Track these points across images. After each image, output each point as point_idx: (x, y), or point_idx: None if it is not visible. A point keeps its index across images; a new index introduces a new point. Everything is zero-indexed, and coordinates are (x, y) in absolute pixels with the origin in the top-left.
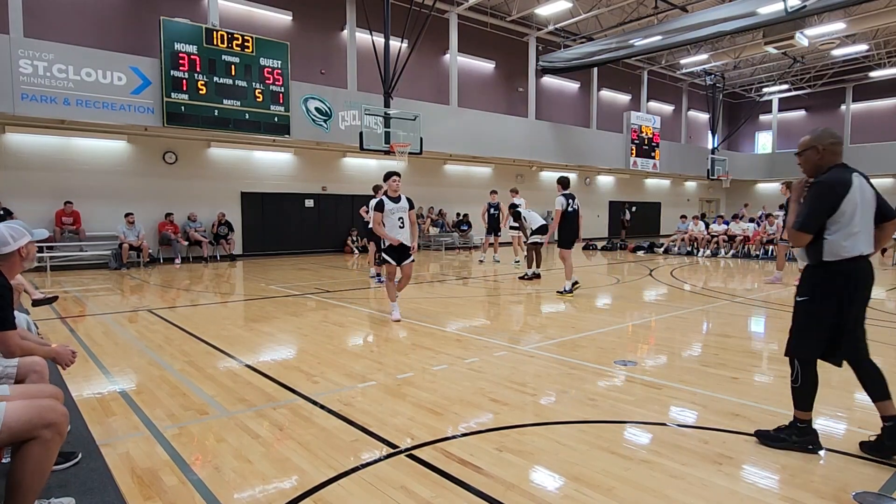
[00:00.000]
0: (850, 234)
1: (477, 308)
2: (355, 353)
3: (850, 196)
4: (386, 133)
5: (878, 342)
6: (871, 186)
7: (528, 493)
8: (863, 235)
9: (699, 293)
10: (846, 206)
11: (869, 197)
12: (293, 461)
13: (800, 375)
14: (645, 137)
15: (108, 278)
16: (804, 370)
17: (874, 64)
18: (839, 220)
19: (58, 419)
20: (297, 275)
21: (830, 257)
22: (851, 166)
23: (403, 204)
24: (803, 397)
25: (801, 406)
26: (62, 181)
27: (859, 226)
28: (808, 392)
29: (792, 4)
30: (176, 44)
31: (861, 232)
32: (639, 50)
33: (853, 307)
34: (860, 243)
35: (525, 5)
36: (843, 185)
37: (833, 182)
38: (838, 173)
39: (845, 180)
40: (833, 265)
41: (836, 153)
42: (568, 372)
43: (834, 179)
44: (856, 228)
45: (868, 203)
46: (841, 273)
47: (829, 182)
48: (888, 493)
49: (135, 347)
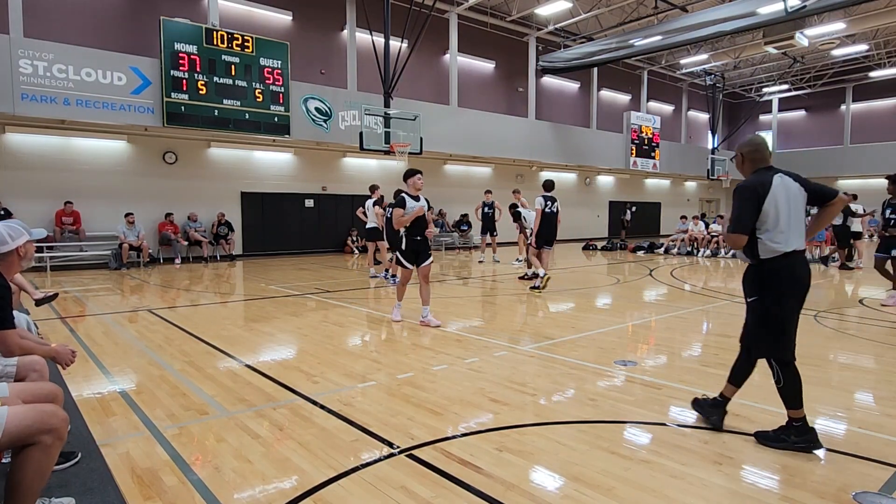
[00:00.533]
0: (779, 232)
1: (477, 308)
2: (355, 353)
3: (771, 196)
4: (386, 133)
5: (879, 342)
6: (798, 179)
7: (528, 493)
8: (793, 231)
9: (699, 293)
10: (769, 206)
11: (795, 192)
12: (293, 461)
13: (781, 376)
14: (645, 137)
15: (108, 278)
16: (784, 370)
17: (874, 64)
18: (766, 219)
19: (58, 424)
20: (297, 275)
21: (766, 255)
22: (777, 167)
23: (423, 203)
24: (790, 396)
25: (791, 405)
26: (62, 181)
27: (787, 222)
28: (793, 390)
29: (792, 4)
30: (176, 44)
31: (790, 228)
32: (639, 50)
33: (791, 300)
34: (791, 239)
35: (525, 5)
36: (763, 186)
37: (752, 185)
38: (758, 176)
39: (764, 182)
40: (770, 262)
41: (755, 159)
42: (568, 372)
43: (753, 182)
44: (783, 225)
45: (795, 198)
46: (778, 268)
47: (748, 185)
48: (888, 493)
49: (135, 347)
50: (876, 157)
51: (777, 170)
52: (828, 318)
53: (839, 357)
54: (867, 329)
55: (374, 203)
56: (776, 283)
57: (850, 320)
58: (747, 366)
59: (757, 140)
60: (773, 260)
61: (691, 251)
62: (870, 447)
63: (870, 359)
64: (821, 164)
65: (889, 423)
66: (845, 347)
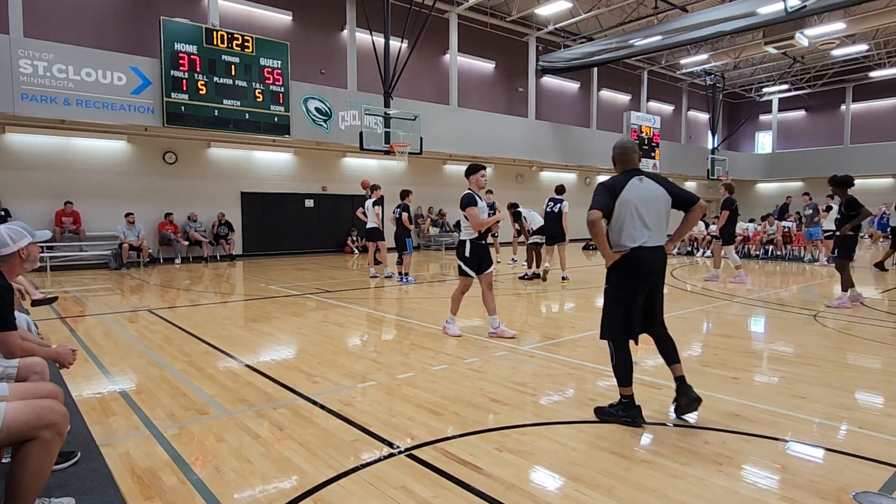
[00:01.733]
0: (625, 227)
1: (477, 308)
2: (355, 353)
3: (623, 196)
4: (386, 133)
5: (879, 342)
6: (663, 184)
7: (528, 493)
8: (641, 228)
9: (699, 293)
10: (619, 204)
11: (654, 195)
12: (293, 461)
13: (615, 355)
14: (645, 137)
15: (108, 278)
16: (617, 349)
17: (874, 64)
18: (616, 216)
19: (58, 420)
20: (297, 275)
21: (617, 249)
22: (643, 171)
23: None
24: (621, 374)
25: (621, 382)
26: (62, 181)
27: (636, 220)
28: (623, 369)
29: (792, 4)
30: (176, 44)
31: (640, 225)
32: (639, 50)
33: (640, 290)
34: (636, 234)
35: (525, 5)
36: (617, 186)
37: (609, 183)
38: (618, 177)
39: (620, 182)
40: (623, 256)
41: (623, 161)
42: (568, 372)
43: (612, 181)
44: (630, 222)
45: (653, 200)
46: (625, 260)
47: (605, 183)
48: (888, 493)
49: (135, 347)
50: (876, 157)
51: (641, 173)
52: (828, 318)
53: (839, 357)
54: (867, 329)
55: (374, 203)
56: (620, 273)
57: (851, 320)
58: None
59: (625, 144)
60: (624, 254)
61: (691, 251)
62: (870, 447)
63: (870, 359)
64: (821, 164)
65: (889, 423)
66: (845, 347)
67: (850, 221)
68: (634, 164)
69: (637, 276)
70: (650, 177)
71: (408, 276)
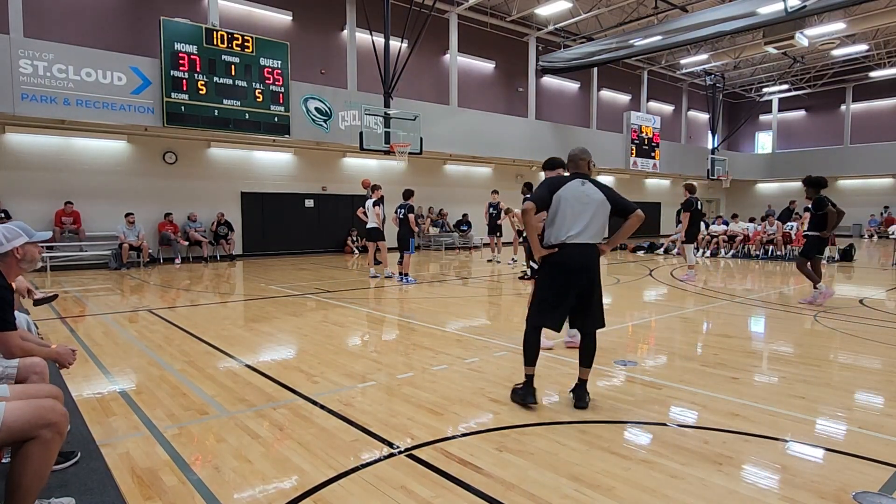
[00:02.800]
0: (556, 222)
1: (477, 308)
2: (355, 353)
3: (561, 192)
4: (386, 133)
5: (879, 342)
6: (605, 191)
7: (528, 493)
8: (571, 225)
9: (699, 293)
10: (556, 200)
11: (591, 197)
12: (293, 461)
13: (527, 336)
14: (645, 137)
15: (108, 278)
16: (529, 333)
17: (874, 64)
18: (552, 211)
19: (58, 419)
20: (297, 275)
21: (549, 244)
22: (590, 178)
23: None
24: (527, 353)
25: (526, 361)
26: (62, 181)
27: (567, 217)
28: (530, 349)
29: (792, 4)
30: (176, 44)
31: (570, 225)
32: (639, 50)
33: (569, 286)
34: (566, 231)
35: (525, 5)
36: (558, 184)
37: (551, 181)
38: (562, 178)
39: (562, 181)
40: (552, 252)
41: (573, 165)
42: (568, 372)
43: (554, 179)
44: (562, 219)
45: (589, 202)
46: (556, 256)
47: (548, 181)
48: (888, 493)
49: (135, 347)
50: (876, 157)
51: (586, 178)
52: (828, 318)
53: (839, 357)
54: (867, 329)
55: (374, 203)
56: (550, 266)
57: (850, 320)
58: (583, 342)
59: (575, 153)
60: (553, 249)
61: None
62: (870, 447)
63: (870, 359)
64: (821, 164)
65: (889, 423)
66: (845, 347)
67: (819, 221)
68: (582, 170)
69: (564, 271)
70: (594, 183)
71: (408, 276)
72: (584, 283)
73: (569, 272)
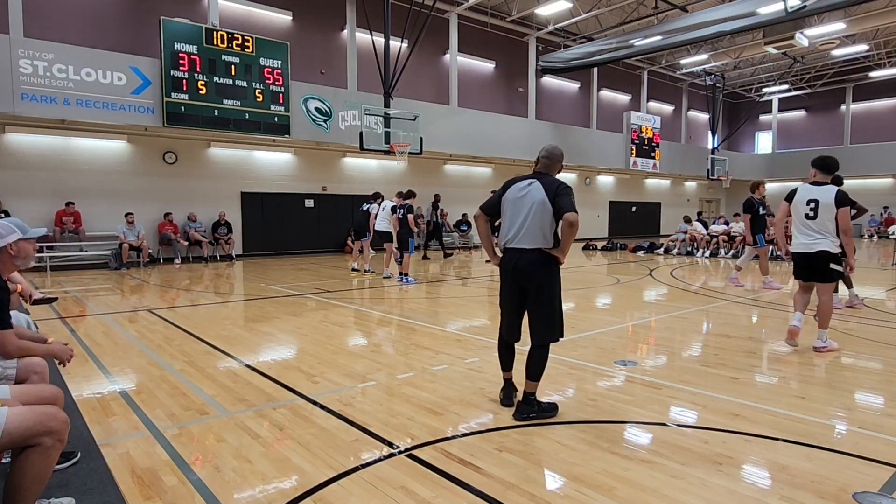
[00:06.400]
0: (502, 226)
1: (477, 308)
2: (355, 353)
3: (505, 196)
4: (386, 133)
5: (878, 342)
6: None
7: (528, 493)
8: (509, 227)
9: (699, 293)
10: (503, 203)
11: (531, 198)
12: (293, 461)
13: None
14: (645, 137)
15: (108, 278)
16: (499, 340)
17: (874, 64)
18: (501, 214)
19: (59, 427)
20: (297, 275)
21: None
22: (547, 178)
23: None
24: (499, 360)
25: (502, 368)
26: (62, 181)
27: (506, 219)
28: (500, 356)
29: (792, 4)
30: (176, 44)
31: (507, 225)
32: (639, 50)
33: (511, 291)
34: (503, 236)
35: (525, 5)
36: (505, 187)
37: (504, 185)
38: (513, 179)
39: (510, 184)
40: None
41: (539, 164)
42: (568, 372)
43: (506, 183)
44: (503, 225)
45: (528, 203)
46: (501, 261)
47: (504, 184)
48: (888, 493)
49: (135, 347)
50: (876, 157)
51: (542, 177)
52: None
53: (839, 357)
54: (867, 329)
55: (394, 209)
56: (502, 271)
57: (850, 320)
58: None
59: (547, 149)
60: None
61: (691, 251)
62: (870, 447)
63: (870, 359)
64: None
65: (889, 423)
66: (845, 347)
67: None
68: (544, 170)
69: (505, 277)
70: (546, 182)
71: (408, 276)
72: (528, 288)
73: (509, 278)
